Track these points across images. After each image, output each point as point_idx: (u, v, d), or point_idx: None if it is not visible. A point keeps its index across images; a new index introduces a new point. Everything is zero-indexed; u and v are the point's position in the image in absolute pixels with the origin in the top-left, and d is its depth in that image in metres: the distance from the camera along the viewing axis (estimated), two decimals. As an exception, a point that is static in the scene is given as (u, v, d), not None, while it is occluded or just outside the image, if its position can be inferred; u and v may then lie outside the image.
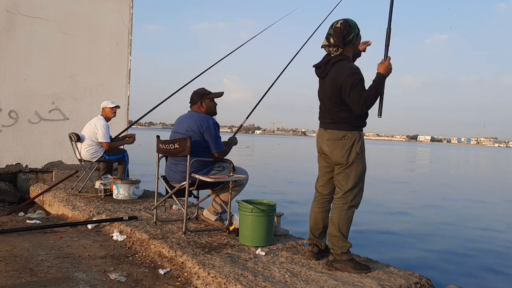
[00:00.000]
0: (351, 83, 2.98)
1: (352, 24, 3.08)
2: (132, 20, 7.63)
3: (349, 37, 3.07)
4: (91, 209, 4.91)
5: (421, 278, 3.00)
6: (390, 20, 3.14)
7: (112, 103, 6.12)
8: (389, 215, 9.87)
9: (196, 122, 3.96)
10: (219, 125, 4.10)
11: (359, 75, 3.02)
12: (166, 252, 3.40)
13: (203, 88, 4.17)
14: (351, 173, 3.09)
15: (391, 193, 13.94)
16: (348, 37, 3.06)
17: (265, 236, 3.59)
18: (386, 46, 3.12)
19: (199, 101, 4.09)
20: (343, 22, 3.07)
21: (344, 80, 2.99)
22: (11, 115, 6.65)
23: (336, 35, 3.05)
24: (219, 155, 4.07)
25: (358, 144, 3.09)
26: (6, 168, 6.66)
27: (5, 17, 6.53)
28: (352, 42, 3.11)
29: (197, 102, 4.10)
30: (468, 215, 10.62)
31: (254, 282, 2.74)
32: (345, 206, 3.09)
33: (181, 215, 4.42)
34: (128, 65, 7.62)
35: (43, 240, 3.90)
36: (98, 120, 5.96)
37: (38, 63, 6.83)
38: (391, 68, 3.09)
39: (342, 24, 3.06)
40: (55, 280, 2.90)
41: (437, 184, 18.25)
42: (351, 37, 3.07)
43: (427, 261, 6.19)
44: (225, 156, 4.14)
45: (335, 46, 3.07)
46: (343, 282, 2.83)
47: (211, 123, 3.99)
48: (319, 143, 3.25)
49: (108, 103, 6.11)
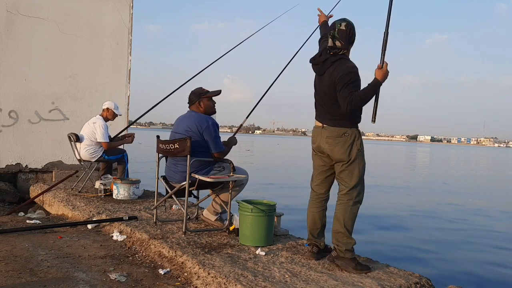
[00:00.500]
0: (345, 81, 3.01)
1: (352, 24, 3.16)
2: (132, 20, 7.63)
3: (352, 37, 3.17)
4: (91, 209, 4.91)
5: (421, 278, 3.00)
6: (388, 24, 3.10)
7: (118, 109, 6.12)
8: (389, 215, 9.87)
9: (195, 122, 3.96)
10: (218, 125, 4.10)
11: (354, 75, 3.04)
12: (166, 252, 3.40)
13: (200, 88, 4.16)
14: (354, 170, 3.12)
15: (391, 193, 13.94)
16: (352, 37, 3.16)
17: (265, 236, 3.59)
18: (382, 51, 3.08)
19: (197, 100, 4.08)
20: (347, 24, 3.12)
21: (339, 78, 3.02)
22: (11, 115, 6.65)
23: (342, 38, 3.11)
24: (219, 155, 4.07)
25: (358, 140, 3.13)
26: (6, 168, 6.66)
27: (5, 17, 6.53)
28: (353, 42, 3.19)
29: (195, 101, 4.09)
30: (468, 215, 10.62)
31: (254, 282, 2.74)
32: (350, 202, 3.12)
33: (181, 215, 4.42)
34: (128, 65, 7.62)
35: (43, 240, 3.90)
36: (97, 120, 5.95)
37: (38, 63, 6.83)
38: (388, 74, 3.08)
39: (347, 26, 3.12)
40: (55, 280, 2.90)
41: (437, 184, 18.25)
42: (354, 37, 3.18)
43: (427, 261, 6.20)
44: (225, 156, 4.14)
45: (341, 49, 3.13)
46: (343, 282, 2.83)
47: (210, 123, 3.98)
48: (316, 141, 3.25)
49: (114, 107, 6.09)
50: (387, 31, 3.10)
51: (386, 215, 9.83)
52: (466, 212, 11.20)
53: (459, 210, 11.46)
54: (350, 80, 3.01)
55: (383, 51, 3.08)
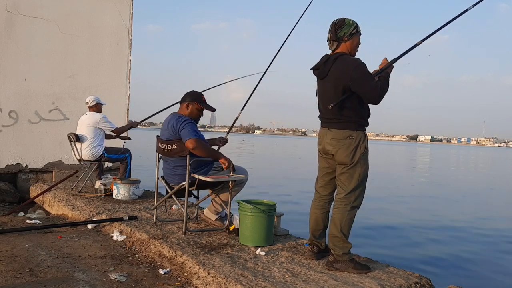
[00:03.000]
0: (361, 73, 2.97)
1: (348, 22, 3.08)
2: (132, 20, 7.63)
3: (340, 33, 3.07)
4: (91, 209, 4.91)
5: (421, 278, 3.00)
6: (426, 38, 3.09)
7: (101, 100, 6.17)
8: (389, 215, 9.87)
9: (172, 127, 3.87)
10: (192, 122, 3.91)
11: (365, 65, 3.02)
12: (166, 252, 3.40)
13: (201, 94, 4.11)
14: (354, 173, 3.07)
15: (392, 193, 13.93)
16: (339, 32, 3.07)
17: (265, 236, 3.59)
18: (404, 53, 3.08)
19: (189, 101, 4.00)
20: (339, 19, 3.12)
21: (353, 72, 2.96)
22: (11, 115, 6.65)
23: (331, 30, 3.12)
24: (193, 145, 3.68)
25: (363, 144, 3.07)
26: (6, 168, 6.66)
27: (5, 17, 6.53)
28: (343, 40, 3.08)
29: (187, 101, 4.00)
30: (468, 215, 10.62)
31: (254, 282, 2.74)
32: (348, 207, 3.08)
33: (181, 215, 4.42)
34: (128, 65, 7.62)
35: (43, 240, 3.90)
36: (95, 116, 5.92)
37: (38, 63, 6.83)
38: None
39: (338, 20, 3.11)
40: (55, 280, 2.90)
41: (438, 184, 18.25)
42: (343, 33, 3.07)
43: (427, 261, 6.20)
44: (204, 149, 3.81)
45: (329, 40, 3.13)
46: (343, 282, 2.83)
47: (181, 120, 3.83)
48: (322, 143, 3.21)
49: (101, 100, 6.14)
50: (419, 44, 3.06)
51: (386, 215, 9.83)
52: (466, 212, 11.21)
53: (460, 210, 11.46)
54: (365, 71, 2.98)
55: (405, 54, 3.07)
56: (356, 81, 2.96)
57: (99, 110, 6.10)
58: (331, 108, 2.99)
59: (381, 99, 3.01)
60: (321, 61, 3.17)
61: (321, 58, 3.19)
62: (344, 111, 3.05)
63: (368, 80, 2.97)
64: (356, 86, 2.97)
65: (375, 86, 2.97)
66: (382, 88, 2.99)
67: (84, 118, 6.00)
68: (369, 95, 3.00)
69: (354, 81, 2.96)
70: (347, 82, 2.98)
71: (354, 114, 3.06)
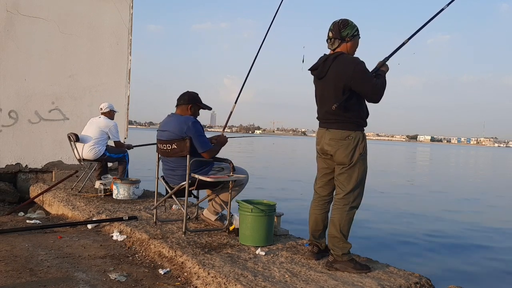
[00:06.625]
0: (362, 72, 2.98)
1: (351, 23, 3.10)
2: (132, 20, 7.63)
3: (344, 32, 3.08)
4: (91, 209, 4.91)
5: (421, 278, 3.00)
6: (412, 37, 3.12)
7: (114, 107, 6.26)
8: (390, 215, 9.87)
9: (177, 126, 3.88)
10: (199, 122, 3.98)
11: (365, 64, 3.02)
12: (166, 252, 3.40)
13: (197, 94, 4.14)
14: (353, 174, 3.07)
15: (392, 193, 13.94)
16: (343, 31, 3.08)
17: (265, 236, 3.59)
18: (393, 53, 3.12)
19: (190, 104, 4.02)
20: (342, 19, 3.13)
21: (354, 71, 2.97)
22: (11, 115, 6.65)
23: (334, 29, 3.12)
24: (208, 155, 3.93)
25: (361, 144, 3.07)
26: (6, 168, 6.66)
27: (5, 17, 6.53)
28: (346, 40, 3.09)
29: (188, 104, 4.02)
30: (468, 215, 10.62)
31: (254, 282, 2.74)
32: (347, 207, 3.08)
33: (181, 215, 4.42)
34: (128, 65, 7.62)
35: (43, 240, 3.90)
36: (109, 121, 6.03)
37: (38, 63, 6.83)
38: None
39: (341, 20, 3.12)
40: (55, 280, 2.90)
41: (438, 184, 18.24)
42: (346, 33, 3.08)
43: (427, 261, 6.20)
44: (215, 155, 4.04)
45: (331, 38, 3.12)
46: (343, 282, 2.83)
47: (190, 123, 3.86)
48: (320, 144, 3.21)
49: (114, 108, 6.24)
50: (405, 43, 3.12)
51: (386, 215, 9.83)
52: (466, 212, 11.21)
53: (460, 210, 11.46)
54: (365, 69, 2.99)
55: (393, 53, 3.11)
56: (356, 80, 2.97)
57: (112, 117, 6.16)
58: (335, 109, 2.97)
59: (381, 97, 3.03)
60: (320, 60, 3.17)
61: (320, 58, 3.19)
62: (342, 111, 3.04)
63: (368, 78, 2.98)
64: (357, 85, 2.98)
65: (376, 84, 2.99)
66: (382, 86, 3.01)
67: (97, 120, 6.04)
68: (370, 94, 3.01)
69: (355, 80, 2.97)
70: (348, 81, 2.98)
71: (352, 114, 3.06)
